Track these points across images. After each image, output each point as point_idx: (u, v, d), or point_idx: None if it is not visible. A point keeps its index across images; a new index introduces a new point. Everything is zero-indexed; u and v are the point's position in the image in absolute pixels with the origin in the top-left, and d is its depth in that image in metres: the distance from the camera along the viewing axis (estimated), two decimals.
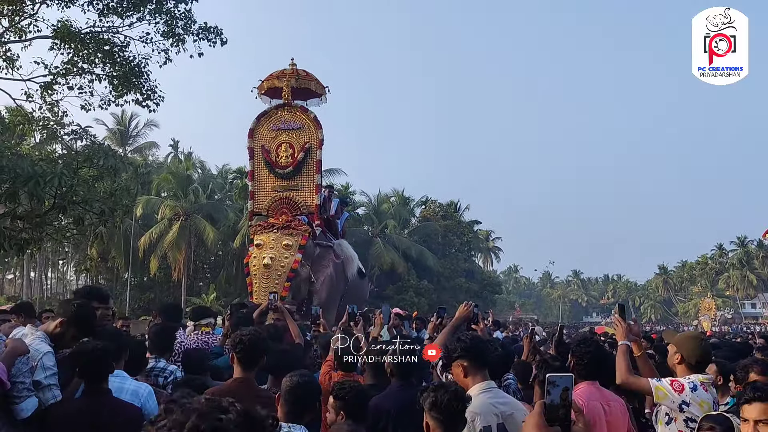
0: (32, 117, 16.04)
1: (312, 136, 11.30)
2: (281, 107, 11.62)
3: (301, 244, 10.28)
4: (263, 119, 11.59)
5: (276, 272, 9.97)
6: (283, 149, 11.32)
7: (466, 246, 52.12)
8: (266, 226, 10.63)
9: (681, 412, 3.45)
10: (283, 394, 3.17)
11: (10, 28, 15.20)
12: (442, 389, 2.72)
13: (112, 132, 40.57)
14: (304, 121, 11.46)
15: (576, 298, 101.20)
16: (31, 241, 12.45)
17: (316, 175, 11.24)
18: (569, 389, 1.85)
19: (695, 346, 3.66)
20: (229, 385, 3.66)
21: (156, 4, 14.70)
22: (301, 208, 11.02)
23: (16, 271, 43.20)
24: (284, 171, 11.24)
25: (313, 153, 11.29)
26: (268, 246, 10.24)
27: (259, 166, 11.49)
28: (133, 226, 33.16)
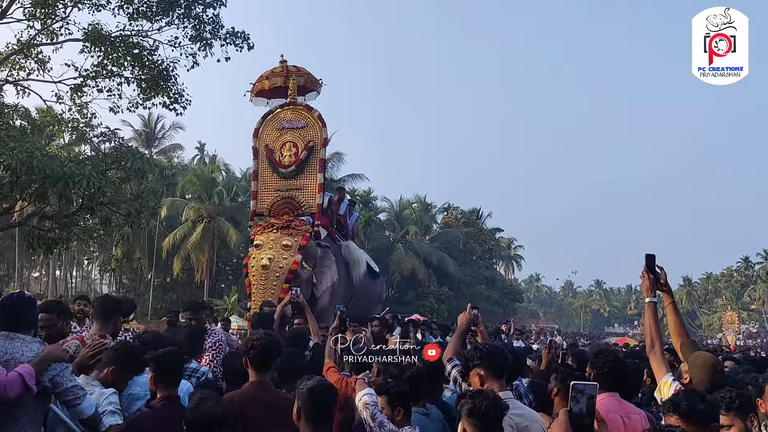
0: (62, 118, 16.31)
1: (316, 134, 11.05)
2: (286, 106, 11.42)
3: (301, 245, 9.94)
4: (268, 119, 11.41)
5: (274, 273, 9.68)
6: (287, 148, 11.11)
7: (487, 253, 51.87)
8: (266, 226, 10.43)
9: None
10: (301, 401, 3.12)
11: (43, 31, 15.48)
12: (480, 396, 2.75)
13: (138, 133, 41.02)
14: (308, 120, 11.23)
15: (598, 308, 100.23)
16: (59, 241, 12.66)
17: (319, 174, 10.95)
18: (594, 398, 1.85)
19: (706, 378, 3.52)
20: (246, 389, 3.67)
21: (185, 9, 14.89)
22: (303, 208, 10.74)
23: (42, 269, 43.81)
24: (287, 170, 11.00)
25: (317, 152, 11.02)
26: (266, 246, 10.00)
27: (262, 165, 11.30)
28: (157, 228, 33.49)
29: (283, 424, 3.33)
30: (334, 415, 3.32)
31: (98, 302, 4.38)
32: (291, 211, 10.61)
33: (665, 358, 3.61)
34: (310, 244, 10.05)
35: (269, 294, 9.45)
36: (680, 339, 3.76)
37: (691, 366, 3.57)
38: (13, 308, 3.37)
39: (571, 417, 1.85)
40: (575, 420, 1.84)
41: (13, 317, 3.34)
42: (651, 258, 3.67)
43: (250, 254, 10.22)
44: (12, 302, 3.41)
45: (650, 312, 3.64)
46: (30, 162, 9.97)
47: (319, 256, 10.24)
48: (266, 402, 3.56)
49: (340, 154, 36.81)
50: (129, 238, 32.82)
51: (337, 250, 11.09)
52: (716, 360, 3.70)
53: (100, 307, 4.29)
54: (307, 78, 11.90)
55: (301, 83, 11.75)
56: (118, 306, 4.50)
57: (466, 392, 2.93)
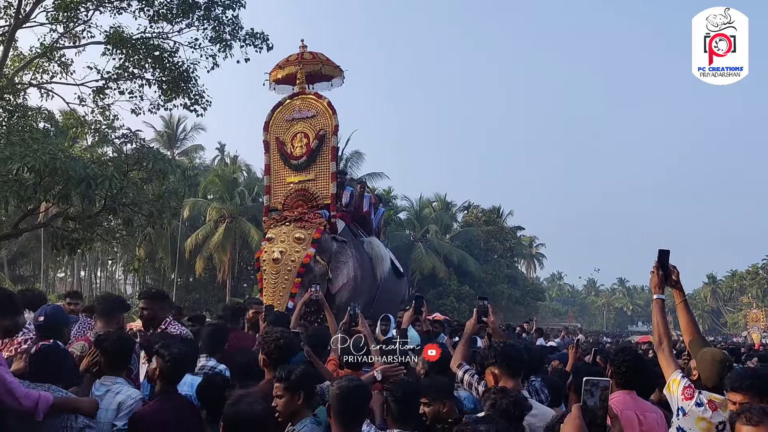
0: (85, 120, 16.52)
1: (326, 122, 10.55)
2: (295, 96, 10.93)
3: (314, 238, 9.43)
4: (277, 110, 10.95)
5: (286, 267, 9.23)
6: (298, 139, 10.68)
7: (508, 252, 51.66)
8: (279, 219, 10.01)
9: (677, 417, 3.34)
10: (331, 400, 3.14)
11: (65, 35, 15.68)
12: (502, 393, 2.78)
13: (160, 135, 41.38)
14: (317, 108, 10.71)
15: (621, 307, 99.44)
16: (83, 241, 12.82)
17: (332, 163, 10.45)
18: (607, 392, 1.85)
19: (715, 374, 3.52)
20: (261, 387, 3.72)
21: (204, 11, 15.00)
22: (317, 200, 10.24)
23: (67, 270, 44.32)
24: (298, 162, 10.54)
25: (328, 140, 10.50)
26: (278, 239, 9.57)
27: (274, 158, 10.86)
28: (179, 228, 33.76)
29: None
30: (365, 415, 3.27)
31: (101, 301, 4.43)
32: (305, 203, 10.21)
33: (674, 355, 3.56)
34: (325, 237, 9.63)
35: (281, 288, 9.16)
36: (690, 336, 3.73)
37: (699, 362, 3.55)
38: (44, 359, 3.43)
39: (584, 411, 1.85)
40: (587, 414, 1.84)
41: (44, 368, 3.40)
42: (664, 254, 3.58)
43: (263, 248, 9.86)
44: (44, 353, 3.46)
45: (658, 309, 3.58)
46: (53, 164, 10.10)
47: (335, 250, 9.78)
48: None
49: (359, 153, 36.86)
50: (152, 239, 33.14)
51: (359, 246, 10.68)
52: (725, 356, 3.67)
53: (103, 305, 4.35)
54: (324, 65, 11.43)
55: (317, 70, 11.34)
56: (121, 304, 4.57)
57: (489, 389, 2.92)
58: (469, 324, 4.18)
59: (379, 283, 10.87)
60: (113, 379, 3.56)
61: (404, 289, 13.23)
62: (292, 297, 8.90)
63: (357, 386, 3.16)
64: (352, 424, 3.11)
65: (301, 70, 10.96)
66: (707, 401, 3.28)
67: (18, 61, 16.07)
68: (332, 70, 11.54)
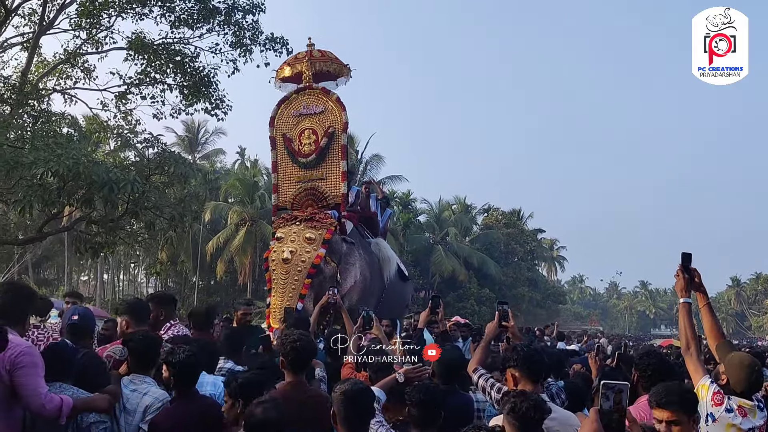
0: (107, 125, 16.72)
1: (336, 119, 10.18)
2: (302, 91, 10.57)
3: (325, 239, 9.15)
4: (284, 105, 10.59)
5: (296, 267, 8.93)
6: (306, 136, 10.31)
7: (529, 255, 51.46)
8: (288, 219, 9.71)
9: (705, 423, 3.27)
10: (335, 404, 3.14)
11: (88, 41, 15.89)
12: (522, 396, 2.75)
13: (182, 139, 41.72)
14: (326, 104, 10.33)
15: (643, 310, 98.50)
16: (105, 245, 12.95)
17: (342, 162, 10.13)
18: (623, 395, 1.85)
19: (744, 378, 3.40)
20: (281, 388, 3.74)
21: (225, 16, 15.14)
22: (327, 199, 9.97)
23: (90, 273, 44.84)
24: (307, 160, 10.18)
25: (338, 137, 10.18)
26: (288, 239, 9.26)
27: (281, 156, 10.51)
28: (201, 231, 34.01)
29: (317, 422, 3.40)
30: (370, 418, 3.25)
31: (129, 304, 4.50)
32: (315, 203, 9.94)
33: (701, 359, 3.51)
34: (335, 238, 9.37)
35: (290, 289, 8.90)
36: (716, 341, 3.67)
37: (727, 367, 3.49)
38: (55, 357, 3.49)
39: (602, 415, 1.85)
40: (604, 418, 1.84)
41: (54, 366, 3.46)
42: (687, 257, 3.56)
43: (272, 248, 9.53)
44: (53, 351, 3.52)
45: (685, 313, 3.55)
46: (76, 168, 10.21)
47: (345, 252, 9.55)
48: (301, 401, 3.60)
49: (379, 156, 36.89)
50: (173, 242, 33.47)
51: (366, 247, 10.37)
52: (753, 360, 3.60)
53: (131, 308, 4.42)
54: (332, 63, 11.15)
55: (325, 68, 11.05)
56: (149, 307, 4.66)
57: (509, 392, 2.91)
58: (489, 328, 4.16)
59: (386, 285, 10.58)
60: (141, 378, 3.63)
61: (409, 293, 12.84)
62: (301, 298, 8.74)
63: (361, 389, 3.15)
64: (357, 427, 3.11)
65: (308, 67, 10.68)
66: (737, 407, 3.24)
67: (42, 67, 16.32)
68: (340, 69, 11.25)
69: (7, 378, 3.13)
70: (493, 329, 4.08)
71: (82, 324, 3.75)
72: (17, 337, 3.32)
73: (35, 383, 3.16)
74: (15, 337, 3.29)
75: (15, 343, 3.21)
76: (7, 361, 3.12)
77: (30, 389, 3.14)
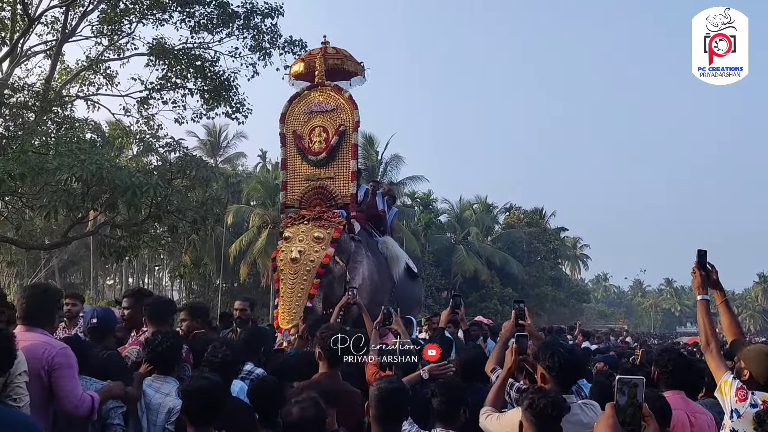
0: (130, 130, 16.93)
1: (347, 117, 9.97)
2: (314, 88, 10.37)
3: (334, 237, 8.98)
4: (295, 102, 10.38)
5: (304, 267, 8.75)
6: (317, 134, 10.11)
7: (552, 254, 51.08)
8: (297, 218, 9.53)
9: (730, 419, 3.22)
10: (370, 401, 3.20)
11: (110, 47, 16.09)
12: (540, 393, 2.76)
13: (203, 143, 42.06)
14: (338, 101, 10.10)
15: (669, 308, 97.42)
16: (129, 249, 13.10)
17: (352, 161, 9.91)
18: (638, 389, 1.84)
19: (765, 368, 3.31)
20: (315, 379, 3.85)
21: (244, 20, 15.25)
22: (336, 199, 9.76)
23: (116, 277, 45.33)
24: (317, 158, 9.98)
25: (349, 136, 9.93)
26: (296, 238, 9.09)
27: (291, 153, 10.29)
28: (223, 234, 34.24)
29: (348, 414, 3.45)
30: (403, 416, 3.31)
31: (151, 305, 4.55)
32: (323, 202, 9.75)
33: (722, 356, 3.45)
34: (344, 237, 9.19)
35: (298, 289, 8.71)
36: (733, 336, 3.64)
37: (746, 360, 3.43)
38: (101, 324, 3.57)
39: (618, 410, 1.85)
40: (620, 413, 1.84)
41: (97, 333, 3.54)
42: (703, 254, 3.57)
43: (279, 247, 9.35)
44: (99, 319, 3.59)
45: (703, 309, 3.50)
46: (100, 173, 10.34)
47: (354, 250, 9.35)
48: (334, 392, 3.66)
49: (399, 157, 36.89)
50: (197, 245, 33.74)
51: (374, 246, 10.16)
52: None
53: (153, 309, 4.48)
54: (346, 60, 10.94)
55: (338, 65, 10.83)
56: (171, 308, 4.70)
57: (528, 388, 2.91)
58: (506, 326, 4.15)
59: (395, 284, 10.37)
60: (163, 379, 3.68)
61: (419, 291, 12.57)
62: (310, 298, 8.58)
63: (396, 388, 3.21)
64: (391, 425, 3.16)
65: (321, 63, 10.48)
66: (762, 402, 3.19)
67: (65, 75, 16.57)
68: (354, 66, 11.04)
69: (47, 379, 3.20)
70: (510, 328, 4.05)
71: (102, 326, 3.81)
72: (50, 337, 3.39)
73: (72, 385, 3.24)
74: (48, 337, 3.37)
75: (51, 345, 3.28)
76: (45, 362, 3.19)
77: (67, 390, 3.22)
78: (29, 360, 3.12)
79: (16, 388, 2.94)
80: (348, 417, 3.53)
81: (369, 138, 35.89)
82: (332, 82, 10.42)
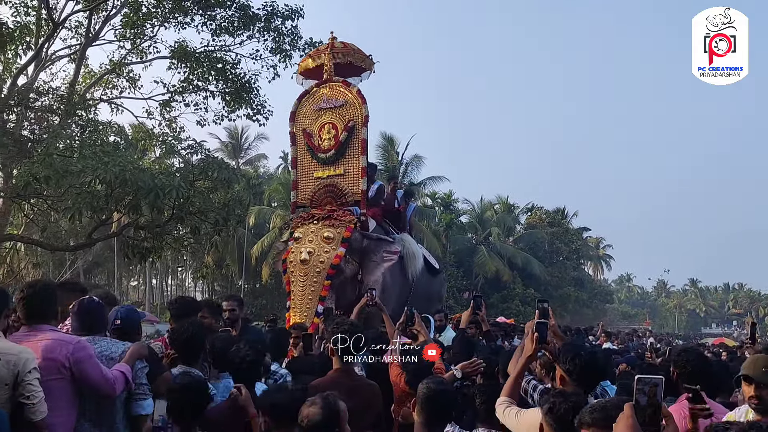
0: (152, 133, 17.10)
1: (356, 112, 9.66)
2: (323, 84, 10.12)
3: (344, 237, 8.78)
4: (304, 100, 10.16)
5: (314, 268, 8.57)
6: (326, 131, 9.83)
7: (574, 254, 50.73)
8: (306, 218, 9.29)
9: None
10: (417, 399, 3.24)
11: (133, 51, 16.27)
12: (561, 397, 2.72)
13: (225, 145, 42.32)
14: (346, 97, 9.79)
15: (694, 308, 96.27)
16: (152, 250, 13.22)
17: (362, 157, 9.58)
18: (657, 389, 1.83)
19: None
20: (330, 376, 3.87)
21: (264, 23, 15.34)
22: (346, 196, 9.50)
23: (139, 278, 45.79)
24: (326, 155, 9.71)
25: (358, 132, 9.62)
26: (306, 239, 8.86)
27: (301, 152, 10.07)
28: (245, 235, 34.43)
29: (365, 409, 3.47)
30: (450, 416, 3.33)
31: (176, 304, 4.63)
32: (334, 200, 9.52)
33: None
34: (355, 236, 8.92)
35: (309, 291, 8.51)
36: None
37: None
38: (87, 312, 3.61)
39: (637, 410, 1.84)
40: (640, 413, 1.83)
41: (87, 320, 3.58)
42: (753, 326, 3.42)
43: (290, 248, 9.11)
44: (85, 307, 3.64)
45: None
46: (123, 175, 10.46)
47: (365, 249, 9.08)
48: (350, 387, 3.68)
49: (419, 158, 36.80)
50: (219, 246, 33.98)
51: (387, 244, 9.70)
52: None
53: (178, 308, 4.53)
54: (354, 54, 10.66)
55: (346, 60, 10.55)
56: (195, 306, 4.77)
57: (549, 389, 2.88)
58: (529, 326, 4.11)
59: (412, 283, 10.07)
60: (188, 370, 3.73)
61: (440, 287, 12.26)
62: (321, 300, 8.39)
63: (445, 389, 3.27)
64: (436, 424, 3.21)
65: (329, 58, 10.26)
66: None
67: (89, 78, 16.80)
68: (362, 60, 10.77)
69: (70, 374, 3.25)
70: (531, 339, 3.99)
71: (126, 326, 3.86)
72: (59, 332, 3.44)
73: (99, 372, 3.30)
74: (58, 333, 3.42)
75: (64, 341, 3.33)
76: (65, 359, 3.24)
77: (97, 379, 3.28)
78: (47, 360, 3.19)
79: (27, 386, 2.99)
80: (366, 410, 3.55)
81: (389, 139, 35.89)
82: (340, 78, 10.18)
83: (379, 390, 3.96)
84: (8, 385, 2.93)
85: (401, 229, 10.78)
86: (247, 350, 3.78)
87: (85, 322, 3.58)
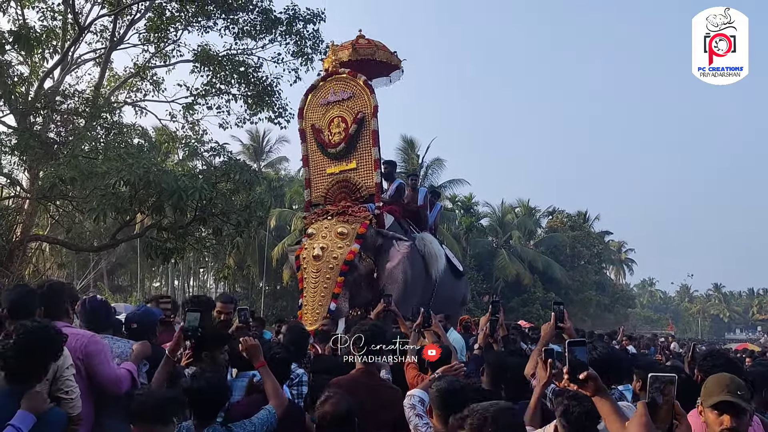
0: (176, 136, 17.28)
1: (365, 103, 9.38)
2: (328, 77, 9.90)
3: (359, 233, 8.54)
4: (311, 95, 9.96)
5: (327, 265, 8.32)
6: (335, 125, 9.57)
7: (596, 258, 50.30)
8: (320, 214, 9.15)
9: None
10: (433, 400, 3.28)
11: (156, 54, 16.46)
12: (576, 401, 2.66)
13: (247, 148, 42.54)
14: (354, 88, 9.54)
15: (717, 313, 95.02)
16: (175, 251, 13.34)
17: (374, 149, 9.30)
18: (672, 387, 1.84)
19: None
20: (352, 375, 3.92)
21: (286, 26, 15.46)
22: (360, 191, 9.28)
23: (162, 279, 46.16)
24: (337, 150, 9.49)
25: (368, 123, 9.33)
26: (319, 235, 8.69)
27: (312, 148, 9.88)
28: (267, 237, 34.58)
29: (385, 408, 3.50)
30: None
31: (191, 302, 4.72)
32: (348, 196, 9.27)
33: None
34: (370, 232, 8.68)
35: (321, 288, 8.27)
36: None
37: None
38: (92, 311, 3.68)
39: (650, 408, 1.85)
40: (653, 409, 1.84)
41: (92, 319, 3.67)
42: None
43: (303, 245, 8.95)
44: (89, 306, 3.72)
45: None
46: (146, 177, 10.61)
47: (380, 246, 8.83)
48: (371, 387, 3.77)
49: (440, 160, 36.74)
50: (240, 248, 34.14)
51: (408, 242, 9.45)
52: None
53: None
54: (377, 50, 10.44)
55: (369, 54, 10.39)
56: (212, 303, 4.87)
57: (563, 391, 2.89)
58: (545, 329, 4.09)
59: (435, 283, 9.80)
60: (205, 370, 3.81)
61: (463, 290, 11.97)
62: (335, 297, 8.17)
63: (456, 389, 3.29)
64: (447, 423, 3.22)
65: (351, 53, 10.08)
66: None
67: (114, 81, 17.01)
68: (387, 56, 10.51)
69: (83, 368, 3.32)
70: (550, 330, 3.96)
71: (142, 329, 3.93)
72: (73, 327, 3.52)
73: (110, 369, 3.38)
74: (73, 328, 3.50)
75: (79, 334, 3.41)
76: (79, 352, 3.31)
77: (107, 375, 3.36)
78: None
79: (66, 381, 3.06)
80: (385, 412, 3.57)
81: (410, 141, 35.90)
82: (346, 69, 9.96)
83: (401, 395, 3.88)
84: (48, 380, 3.00)
85: (422, 229, 10.58)
86: (278, 349, 3.85)
87: (90, 321, 3.66)
